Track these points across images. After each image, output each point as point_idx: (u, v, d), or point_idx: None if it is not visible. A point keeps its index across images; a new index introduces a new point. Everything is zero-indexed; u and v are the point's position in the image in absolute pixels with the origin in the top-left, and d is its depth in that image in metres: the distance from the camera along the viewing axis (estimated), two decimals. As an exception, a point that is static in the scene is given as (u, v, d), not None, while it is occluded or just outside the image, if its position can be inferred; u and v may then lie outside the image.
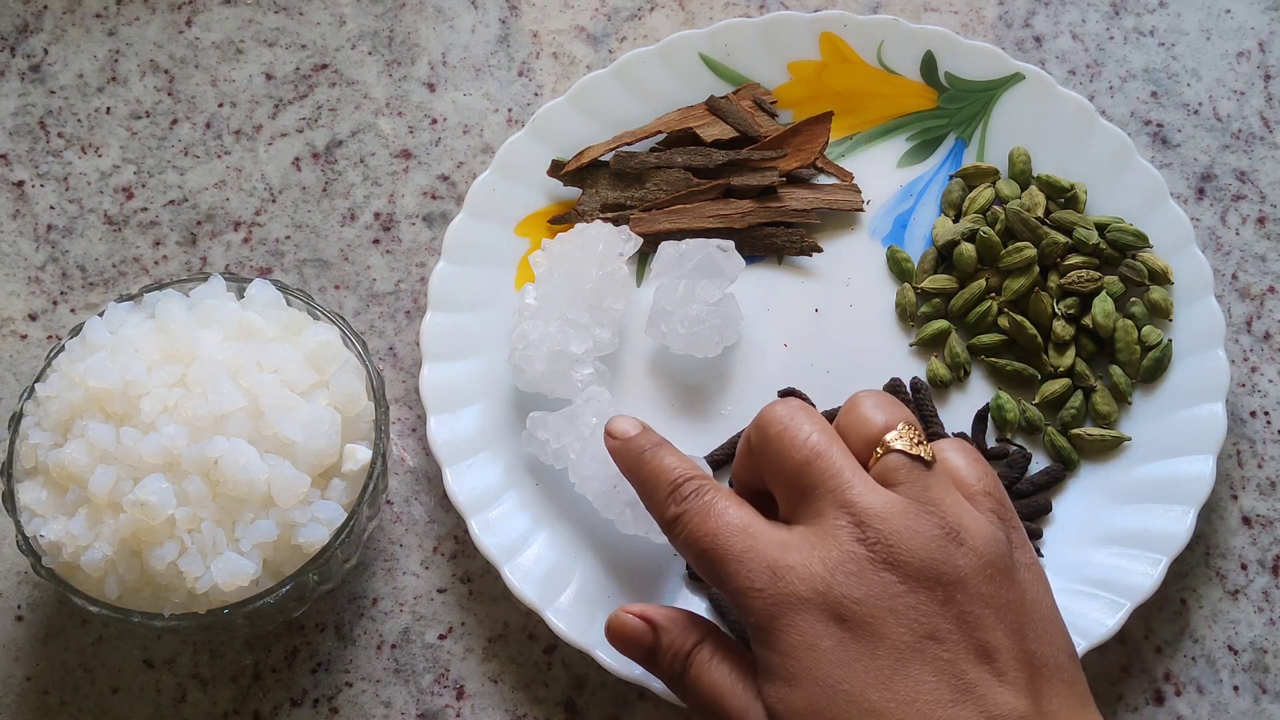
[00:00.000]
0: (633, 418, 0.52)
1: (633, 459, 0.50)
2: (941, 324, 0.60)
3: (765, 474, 0.47)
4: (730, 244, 0.59)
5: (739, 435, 0.58)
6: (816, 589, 0.43)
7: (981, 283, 0.61)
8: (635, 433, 0.51)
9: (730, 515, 0.46)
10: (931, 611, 0.43)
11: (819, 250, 0.62)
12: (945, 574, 0.43)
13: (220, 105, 0.66)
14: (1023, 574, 0.45)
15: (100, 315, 0.53)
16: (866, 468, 0.46)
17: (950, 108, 0.64)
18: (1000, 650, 0.43)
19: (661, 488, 0.49)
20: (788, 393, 0.59)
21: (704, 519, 0.47)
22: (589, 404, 0.55)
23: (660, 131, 0.63)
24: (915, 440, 0.46)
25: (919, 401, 0.59)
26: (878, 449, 0.46)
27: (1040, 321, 0.60)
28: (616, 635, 0.49)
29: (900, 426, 0.46)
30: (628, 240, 0.59)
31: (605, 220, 0.62)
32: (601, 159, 0.63)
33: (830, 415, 0.51)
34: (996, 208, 0.62)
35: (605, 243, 0.58)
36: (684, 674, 0.48)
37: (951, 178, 0.63)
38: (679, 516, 0.47)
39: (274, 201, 0.64)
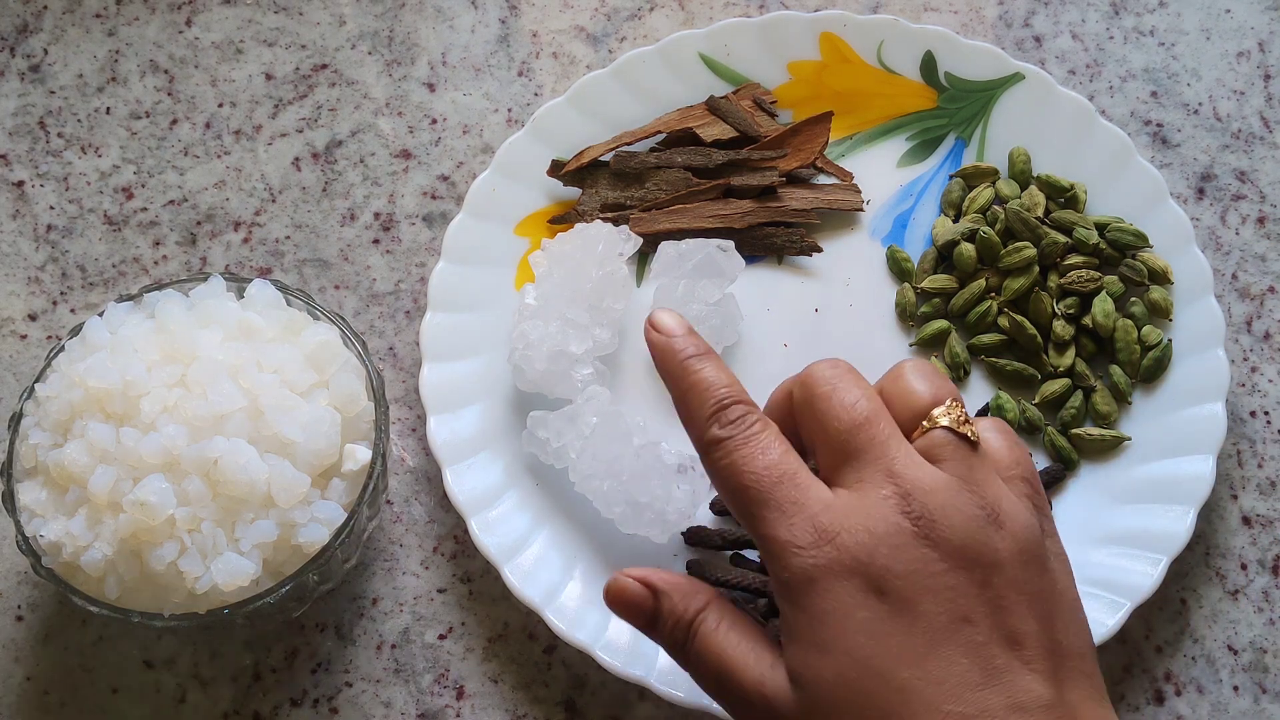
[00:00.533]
0: (676, 313, 0.49)
1: (675, 364, 0.47)
2: (941, 324, 0.60)
3: (807, 431, 0.46)
4: (730, 244, 0.59)
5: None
6: (859, 559, 0.42)
7: (981, 283, 0.61)
8: (680, 332, 0.48)
9: (776, 456, 0.44)
10: (968, 593, 0.42)
11: (819, 250, 0.62)
12: (984, 556, 0.42)
13: (220, 105, 0.66)
14: (1053, 562, 0.44)
15: (100, 315, 0.53)
16: (910, 439, 0.45)
17: (950, 108, 0.64)
18: (1029, 637, 0.42)
19: (705, 404, 0.46)
20: None
21: (749, 453, 0.44)
22: (589, 403, 0.55)
23: (660, 131, 0.63)
24: (961, 419, 0.45)
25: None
26: (924, 422, 0.45)
27: (1040, 321, 0.60)
28: (615, 600, 0.47)
29: (948, 402, 0.45)
30: (627, 240, 0.59)
31: (605, 220, 0.62)
32: (601, 159, 0.63)
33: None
34: (996, 208, 0.62)
35: (605, 243, 0.58)
36: (687, 643, 0.46)
37: (951, 178, 0.63)
38: (720, 442, 0.45)
39: (274, 201, 0.64)
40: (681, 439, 0.57)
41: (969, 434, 0.44)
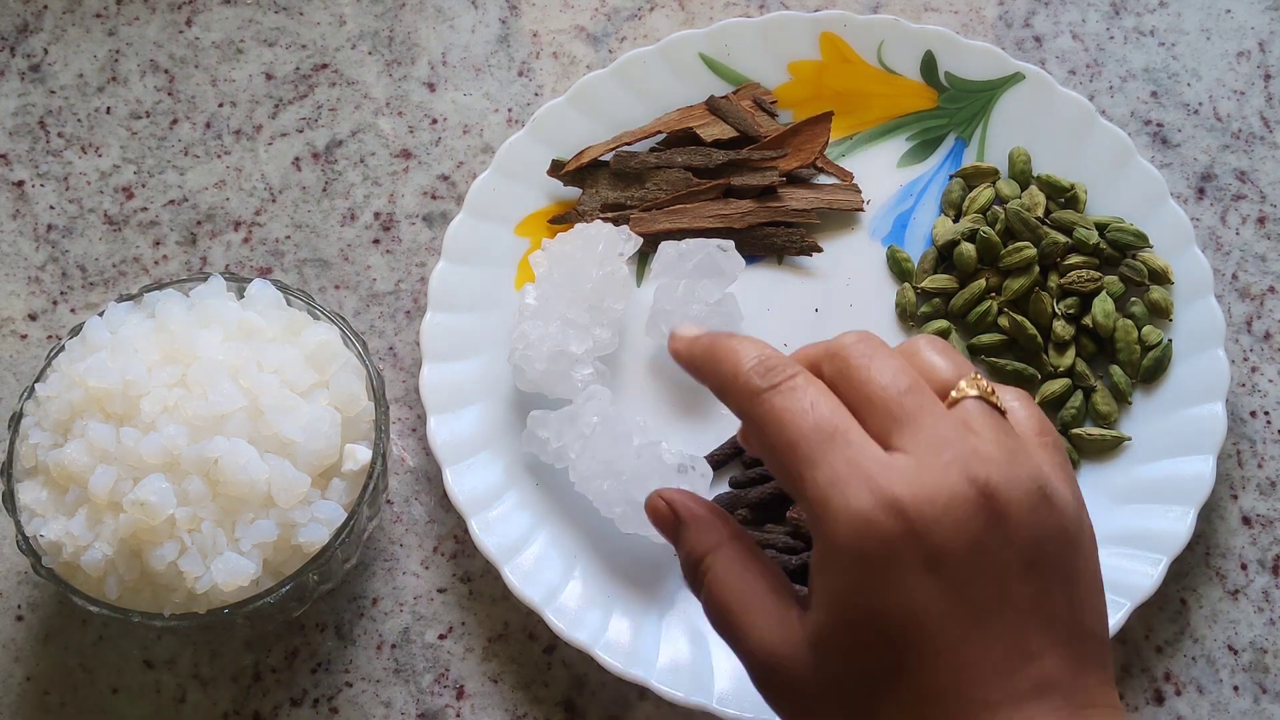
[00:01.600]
0: (692, 326, 0.47)
1: (703, 344, 0.45)
2: (942, 324, 0.60)
3: (846, 401, 0.42)
4: (730, 244, 0.59)
5: (735, 439, 0.58)
6: (919, 531, 0.39)
7: (981, 283, 0.61)
8: (702, 331, 0.46)
9: (827, 410, 0.41)
10: (1017, 575, 0.40)
11: (819, 250, 0.62)
12: (1035, 536, 0.40)
13: (220, 105, 0.66)
14: (1087, 541, 0.42)
15: (100, 315, 0.53)
16: None
17: (950, 107, 0.64)
18: (1060, 620, 0.40)
19: (744, 361, 0.43)
20: None
21: (795, 405, 0.41)
22: (590, 403, 0.55)
23: (660, 131, 0.63)
24: (989, 389, 0.42)
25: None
26: (953, 393, 0.42)
27: (1040, 321, 0.60)
28: (650, 515, 0.46)
29: (972, 374, 0.43)
30: (628, 240, 0.59)
31: (605, 220, 0.61)
32: (601, 159, 0.63)
33: None
34: (996, 208, 0.62)
35: (605, 243, 0.58)
36: (698, 581, 0.44)
37: (951, 177, 0.63)
38: (762, 393, 0.41)
39: (274, 201, 0.64)
40: (681, 439, 0.57)
41: (998, 404, 0.42)
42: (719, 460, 0.58)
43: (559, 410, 0.56)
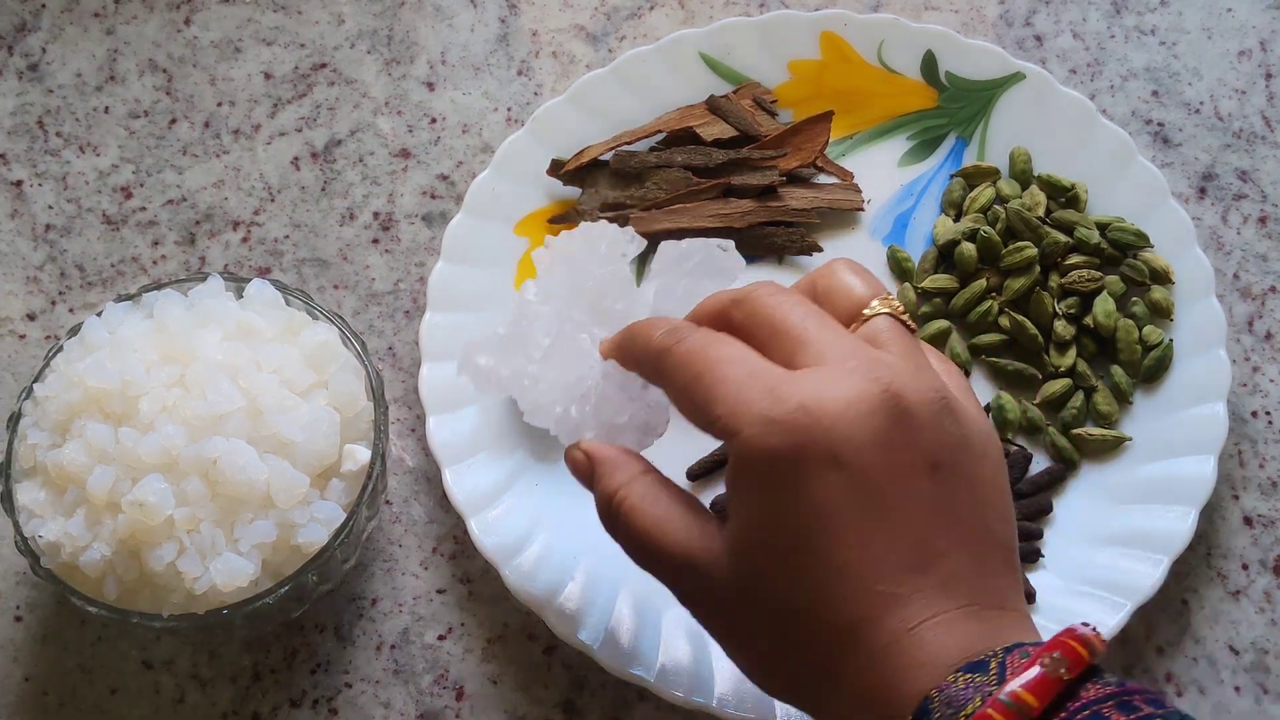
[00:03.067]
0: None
1: (621, 335, 0.49)
2: (942, 324, 0.60)
3: (755, 339, 0.44)
4: (730, 243, 0.59)
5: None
6: (821, 424, 0.40)
7: (982, 282, 0.61)
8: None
9: (735, 348, 0.43)
10: (922, 473, 0.41)
11: (819, 250, 0.62)
12: (939, 439, 0.42)
13: (219, 104, 0.66)
14: (994, 452, 0.44)
15: (99, 315, 0.53)
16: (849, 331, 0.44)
17: (951, 107, 0.64)
18: (965, 522, 0.42)
19: (653, 328, 0.46)
20: None
21: (703, 347, 0.43)
22: (536, 322, 0.51)
23: (660, 131, 0.63)
24: (900, 309, 0.45)
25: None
26: (865, 311, 0.44)
27: (1041, 321, 0.60)
28: (570, 467, 0.48)
29: (885, 294, 0.45)
30: (631, 241, 0.59)
31: (605, 220, 0.61)
32: (601, 158, 0.63)
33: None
34: (997, 207, 0.62)
35: (609, 242, 0.58)
36: (614, 514, 0.45)
37: (952, 177, 0.63)
38: (670, 348, 0.44)
39: (273, 201, 0.64)
40: (682, 439, 0.56)
41: (908, 322, 0.44)
42: (699, 472, 0.58)
43: (496, 334, 0.52)
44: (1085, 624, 0.40)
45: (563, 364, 0.50)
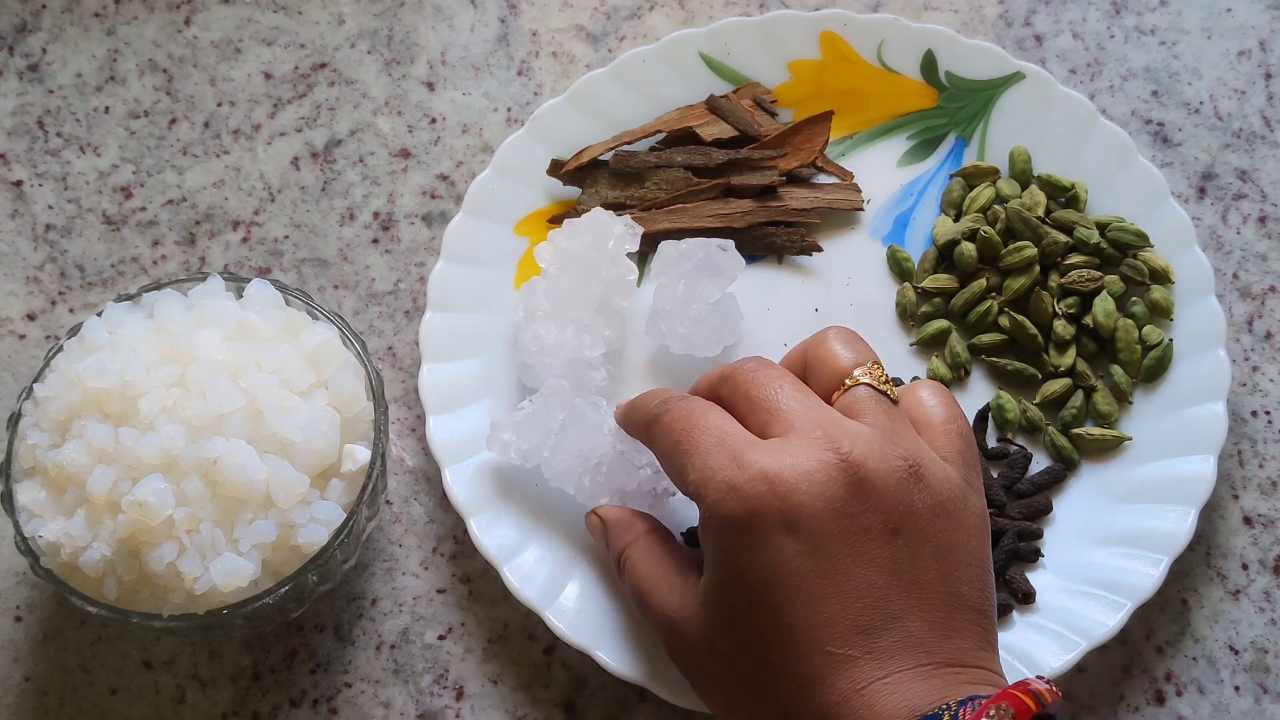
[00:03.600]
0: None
1: (626, 405, 0.53)
2: (942, 323, 0.60)
3: (738, 413, 0.48)
4: (730, 243, 0.59)
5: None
6: (778, 492, 0.43)
7: (982, 282, 0.61)
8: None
9: (712, 417, 0.47)
10: (879, 539, 0.43)
11: (819, 250, 0.62)
12: (900, 505, 0.44)
13: (219, 104, 0.66)
14: (969, 518, 0.45)
15: (99, 315, 0.53)
16: (831, 401, 0.47)
17: (950, 107, 0.64)
18: (929, 586, 0.43)
19: (652, 398, 0.50)
20: None
21: (685, 416, 0.47)
22: (551, 398, 0.55)
23: (660, 131, 0.63)
24: (882, 378, 0.47)
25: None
26: (846, 380, 0.47)
27: (1041, 321, 0.60)
28: (589, 530, 0.54)
29: (869, 364, 0.47)
30: (632, 234, 0.59)
31: (605, 219, 0.61)
32: (601, 158, 0.63)
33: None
34: (997, 207, 0.62)
35: (616, 238, 0.58)
36: (620, 569, 0.50)
37: (952, 177, 0.63)
38: (659, 416, 0.48)
39: (273, 201, 0.64)
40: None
41: (889, 392, 0.47)
42: None
43: (519, 412, 0.56)
44: (1040, 677, 0.42)
45: (577, 437, 0.54)
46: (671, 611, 0.47)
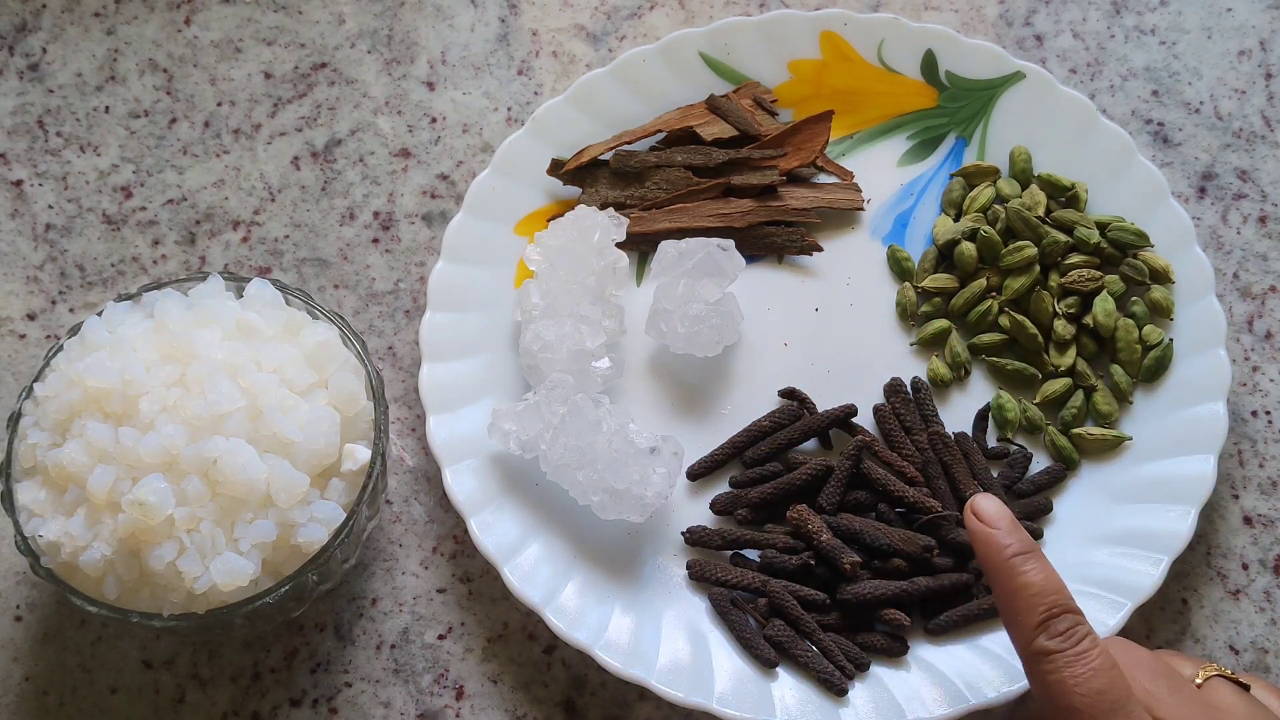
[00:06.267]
0: (998, 500, 0.49)
1: (999, 561, 0.48)
2: (942, 323, 0.60)
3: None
4: (730, 243, 0.59)
5: (735, 438, 0.58)
6: None
7: (982, 282, 0.61)
8: (1004, 525, 0.48)
9: (1107, 681, 0.45)
10: None
11: (819, 249, 0.62)
12: None
13: (219, 104, 0.66)
14: None
15: (99, 315, 0.53)
16: None
17: (951, 106, 0.64)
18: None
19: (1033, 611, 0.47)
20: (787, 393, 0.59)
21: (1081, 672, 0.45)
22: (554, 392, 0.55)
23: (660, 130, 0.63)
24: (1229, 671, 0.49)
25: (919, 401, 0.59)
26: (1200, 672, 0.49)
27: (1041, 321, 0.60)
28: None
29: (1209, 665, 0.49)
30: (618, 225, 0.59)
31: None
32: (601, 158, 0.63)
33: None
34: (997, 207, 0.62)
35: (602, 230, 0.58)
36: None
37: (952, 177, 0.63)
38: (1050, 655, 0.46)
39: (273, 201, 0.64)
40: (681, 438, 0.57)
41: (1240, 681, 0.49)
42: (699, 472, 0.58)
43: (520, 402, 0.56)
44: None
45: (576, 432, 0.54)
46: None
